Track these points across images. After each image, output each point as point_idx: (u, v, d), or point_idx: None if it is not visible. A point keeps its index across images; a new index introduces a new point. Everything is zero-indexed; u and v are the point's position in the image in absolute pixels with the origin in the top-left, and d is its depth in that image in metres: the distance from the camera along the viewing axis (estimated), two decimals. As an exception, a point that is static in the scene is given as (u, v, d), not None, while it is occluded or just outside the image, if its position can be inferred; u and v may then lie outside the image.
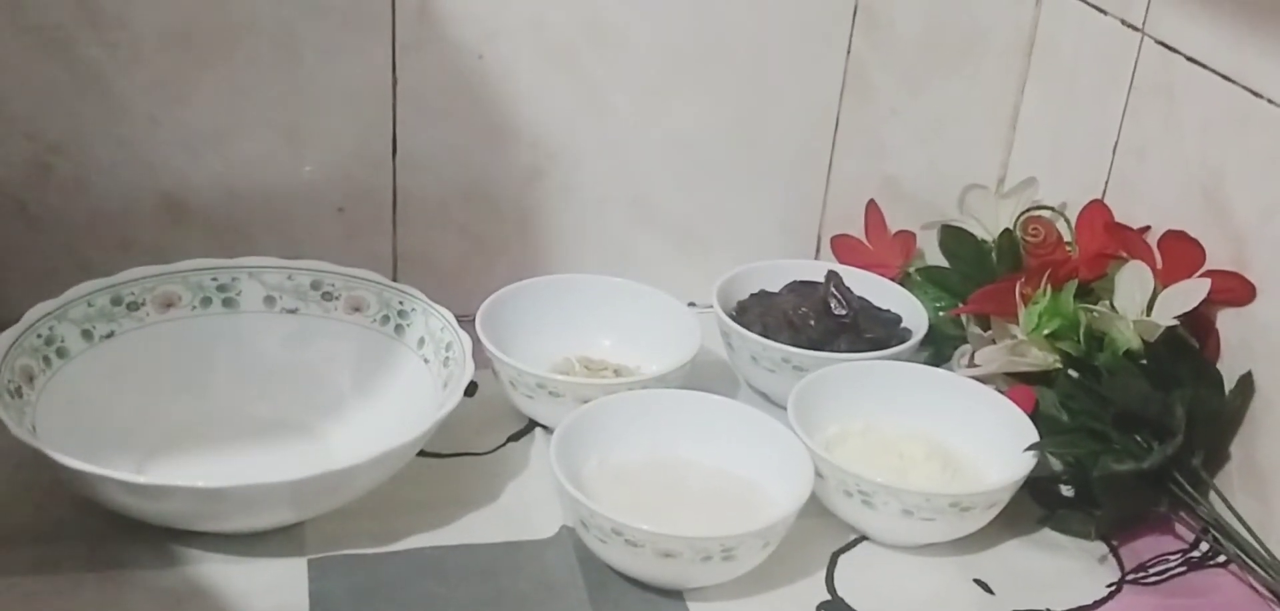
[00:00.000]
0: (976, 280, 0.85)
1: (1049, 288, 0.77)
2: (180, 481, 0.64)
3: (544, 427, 0.79)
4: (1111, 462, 0.72)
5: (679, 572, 0.67)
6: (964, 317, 0.85)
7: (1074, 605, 0.70)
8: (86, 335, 0.75)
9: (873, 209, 0.94)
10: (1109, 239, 0.80)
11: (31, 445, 0.64)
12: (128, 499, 0.65)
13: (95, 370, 0.74)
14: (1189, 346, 0.75)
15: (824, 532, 0.73)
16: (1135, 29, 0.84)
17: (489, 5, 0.85)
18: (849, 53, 0.91)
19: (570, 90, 0.88)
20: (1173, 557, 0.74)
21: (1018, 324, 0.78)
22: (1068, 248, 0.83)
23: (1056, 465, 0.76)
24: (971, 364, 0.82)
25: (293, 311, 0.80)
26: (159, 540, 0.68)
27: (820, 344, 0.83)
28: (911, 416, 0.78)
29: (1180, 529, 0.76)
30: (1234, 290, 0.75)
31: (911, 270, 0.92)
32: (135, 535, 0.68)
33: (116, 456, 0.67)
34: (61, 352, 0.74)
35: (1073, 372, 0.77)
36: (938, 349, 0.87)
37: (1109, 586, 0.72)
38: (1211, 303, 0.75)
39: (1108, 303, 0.76)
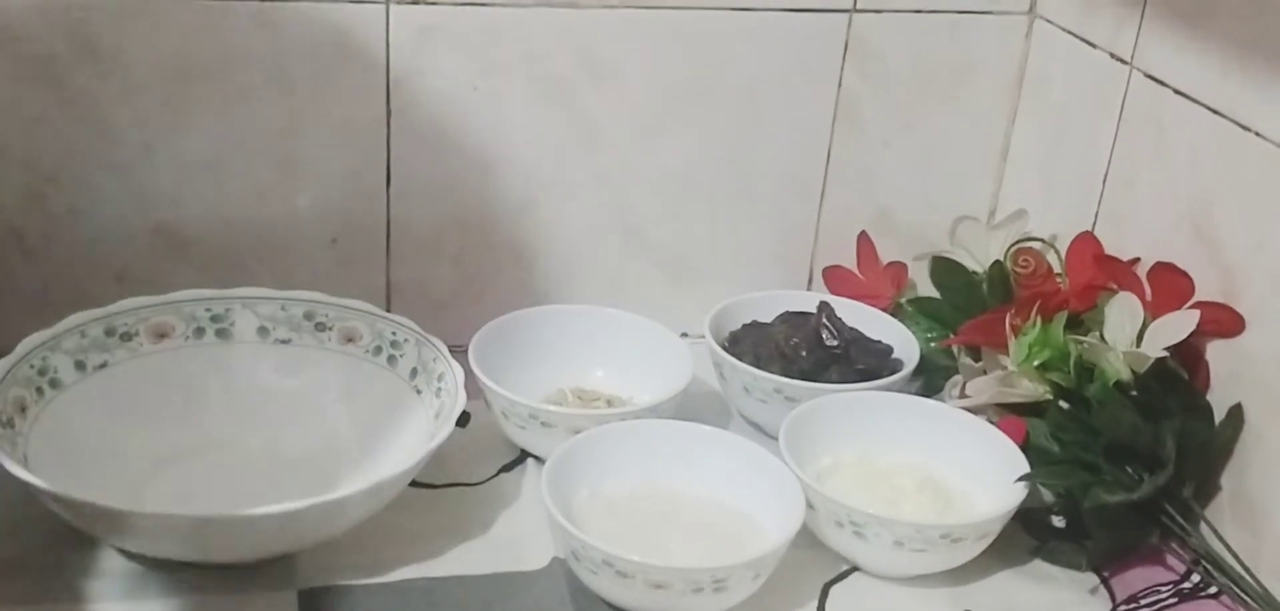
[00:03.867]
0: (967, 311, 0.85)
1: (1039, 319, 0.78)
2: (172, 511, 0.64)
3: (536, 458, 0.79)
4: (1102, 494, 0.72)
5: (670, 604, 0.66)
6: (955, 348, 0.85)
7: (1065, 636, 0.70)
8: (80, 365, 0.75)
9: (864, 240, 0.95)
10: (1099, 270, 0.81)
11: (22, 476, 0.64)
12: (119, 529, 0.65)
13: (88, 401, 0.75)
14: (1179, 378, 0.76)
15: (815, 564, 0.73)
16: (1124, 62, 0.84)
17: (483, 37, 0.85)
18: (840, 86, 0.92)
19: (564, 122, 0.89)
20: (1164, 589, 0.74)
21: (1008, 355, 0.79)
22: (1058, 279, 0.84)
23: (1048, 496, 0.76)
24: (963, 395, 0.82)
25: (286, 342, 0.80)
26: (150, 572, 0.68)
27: (812, 375, 0.83)
28: (903, 447, 0.79)
29: (1171, 560, 0.76)
30: (1223, 322, 0.75)
31: (903, 301, 0.92)
32: (127, 567, 0.68)
33: (109, 487, 0.67)
34: (54, 383, 0.74)
35: (1063, 404, 0.77)
36: (929, 380, 0.87)
37: (1100, 618, 0.72)
38: (1201, 334, 0.75)
39: (1098, 334, 0.77)
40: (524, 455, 0.81)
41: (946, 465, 0.78)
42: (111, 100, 0.82)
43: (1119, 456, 0.74)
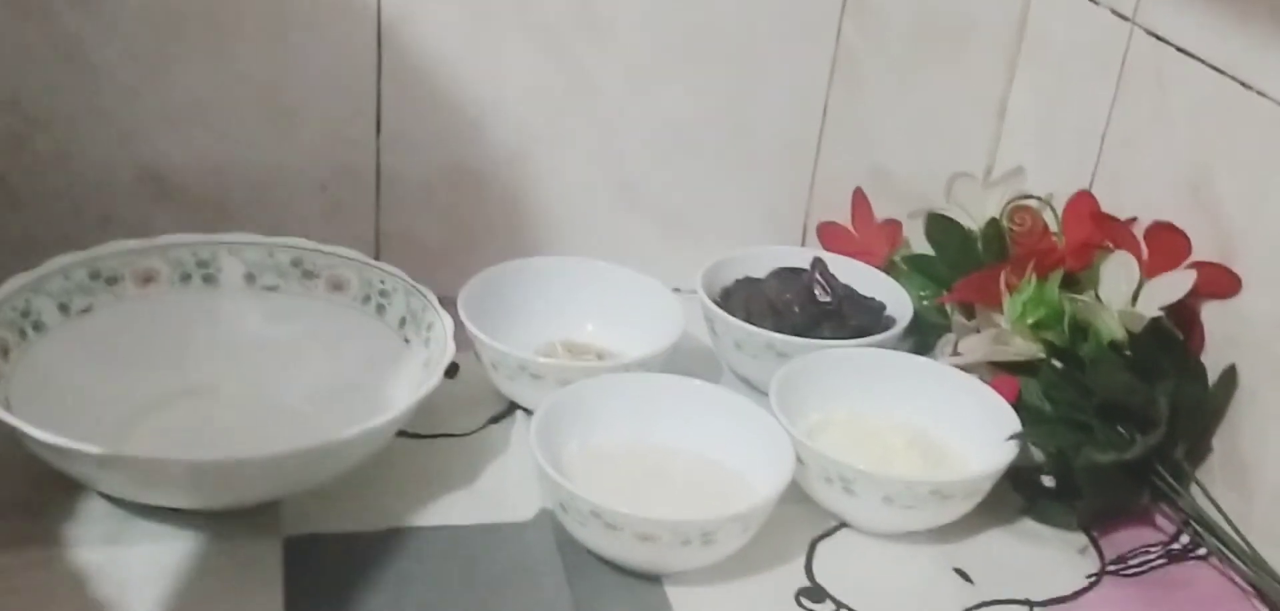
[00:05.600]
0: (962, 269, 0.84)
1: (1034, 277, 0.77)
2: (155, 455, 0.63)
3: (525, 410, 0.79)
4: (1093, 453, 0.72)
5: (658, 556, 0.66)
6: (948, 306, 0.85)
7: (1054, 595, 0.70)
8: (63, 309, 0.74)
9: (859, 197, 0.94)
10: (1095, 229, 0.80)
11: (4, 419, 0.63)
12: (101, 473, 0.64)
13: (72, 344, 0.74)
14: (1173, 338, 0.75)
15: (804, 519, 0.73)
16: (1125, 19, 0.83)
17: (476, -16, 0.84)
18: (838, 40, 0.91)
19: (557, 72, 0.88)
20: (1153, 549, 0.74)
21: (1002, 313, 0.78)
22: (1054, 237, 0.83)
23: (1038, 455, 0.76)
24: (955, 353, 0.82)
25: (273, 289, 0.80)
26: (134, 517, 0.67)
27: (804, 330, 0.83)
28: (894, 404, 0.78)
29: (1161, 521, 0.76)
30: (1219, 282, 0.74)
31: (897, 258, 0.91)
32: (110, 512, 0.67)
33: (92, 431, 0.66)
34: (38, 326, 0.73)
35: (1056, 363, 0.76)
36: (922, 337, 0.87)
37: (1089, 577, 0.71)
38: (1197, 295, 0.74)
39: (1093, 293, 0.76)
40: (513, 407, 0.80)
41: (938, 423, 0.77)
42: (98, 41, 0.80)
43: (1111, 416, 0.73)
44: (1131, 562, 0.73)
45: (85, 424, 0.67)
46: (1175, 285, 0.74)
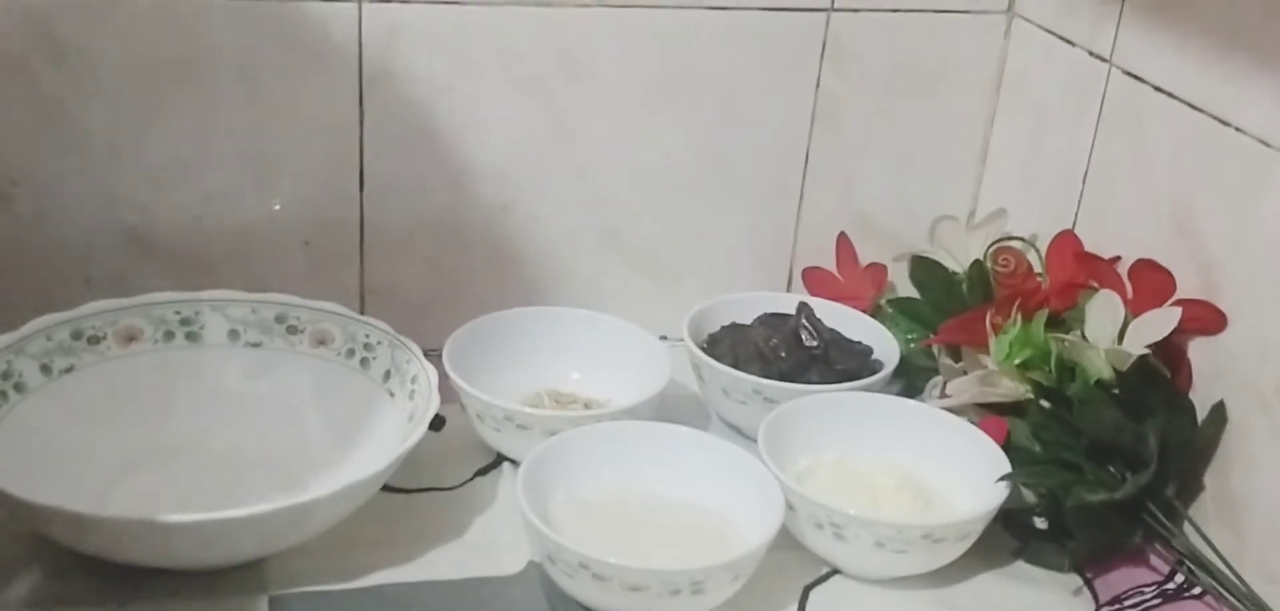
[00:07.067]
0: (947, 311, 0.84)
1: (1020, 317, 0.77)
2: (136, 515, 0.62)
3: (512, 462, 0.78)
4: (1084, 493, 0.72)
5: (647, 607, 0.65)
6: (935, 349, 0.85)
7: (1048, 637, 0.69)
8: (45, 370, 0.74)
9: (844, 241, 0.94)
10: (1079, 268, 0.80)
11: (-16, 481, 0.63)
12: (82, 535, 0.64)
13: (54, 405, 0.73)
14: (1160, 376, 0.75)
15: (795, 566, 0.72)
16: (1103, 59, 0.84)
17: (457, 35, 0.84)
18: (818, 86, 0.91)
19: (540, 121, 0.88)
20: (1147, 589, 0.73)
21: (989, 354, 0.78)
22: (1038, 278, 0.83)
23: (1029, 496, 0.76)
24: (943, 395, 0.81)
25: (256, 345, 0.79)
26: (117, 578, 0.66)
27: (791, 376, 0.82)
28: (883, 448, 0.78)
29: (1155, 560, 0.75)
30: (1205, 319, 0.74)
31: (883, 302, 0.91)
32: (92, 573, 0.66)
33: (74, 492, 0.65)
34: (19, 387, 0.72)
35: (1044, 403, 0.76)
36: (909, 380, 0.86)
37: (1083, 619, 0.71)
38: (1183, 331, 0.74)
39: (1079, 332, 0.76)
40: (500, 459, 0.80)
41: (927, 466, 0.77)
42: (79, 100, 0.80)
43: (1101, 455, 0.73)
44: (1126, 603, 0.72)
45: (68, 484, 0.67)
46: (1161, 323, 0.74)
